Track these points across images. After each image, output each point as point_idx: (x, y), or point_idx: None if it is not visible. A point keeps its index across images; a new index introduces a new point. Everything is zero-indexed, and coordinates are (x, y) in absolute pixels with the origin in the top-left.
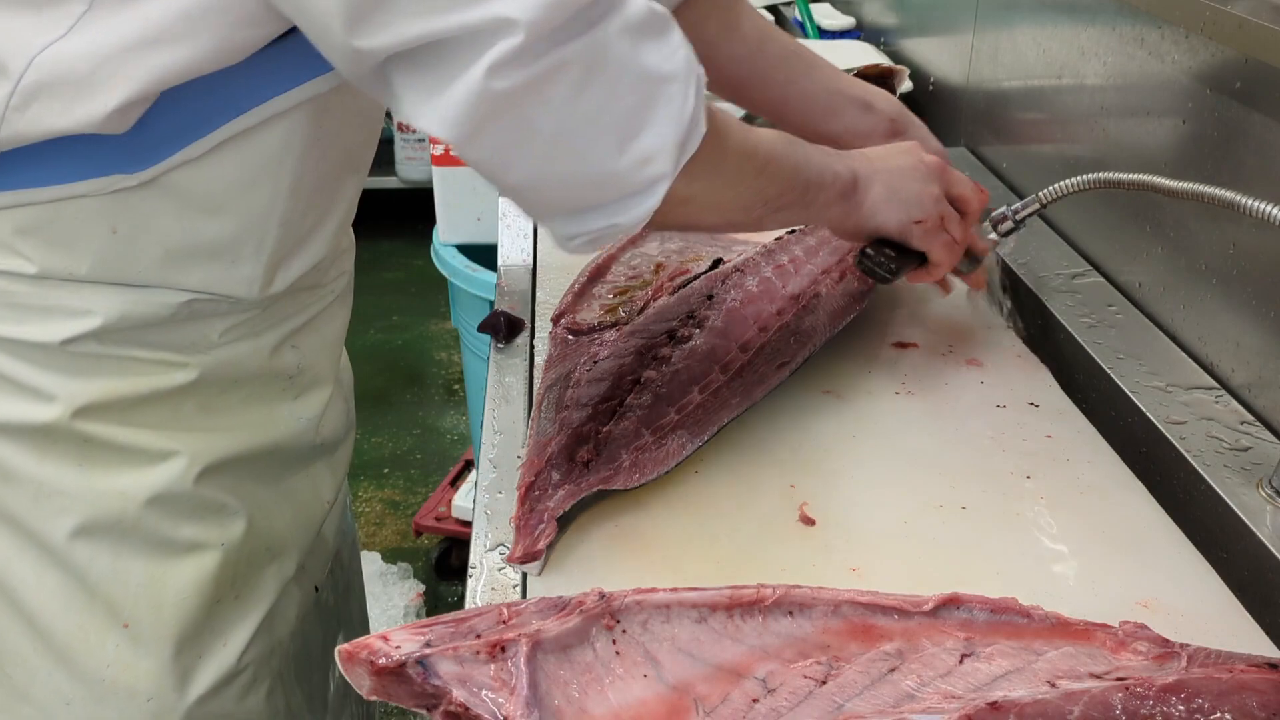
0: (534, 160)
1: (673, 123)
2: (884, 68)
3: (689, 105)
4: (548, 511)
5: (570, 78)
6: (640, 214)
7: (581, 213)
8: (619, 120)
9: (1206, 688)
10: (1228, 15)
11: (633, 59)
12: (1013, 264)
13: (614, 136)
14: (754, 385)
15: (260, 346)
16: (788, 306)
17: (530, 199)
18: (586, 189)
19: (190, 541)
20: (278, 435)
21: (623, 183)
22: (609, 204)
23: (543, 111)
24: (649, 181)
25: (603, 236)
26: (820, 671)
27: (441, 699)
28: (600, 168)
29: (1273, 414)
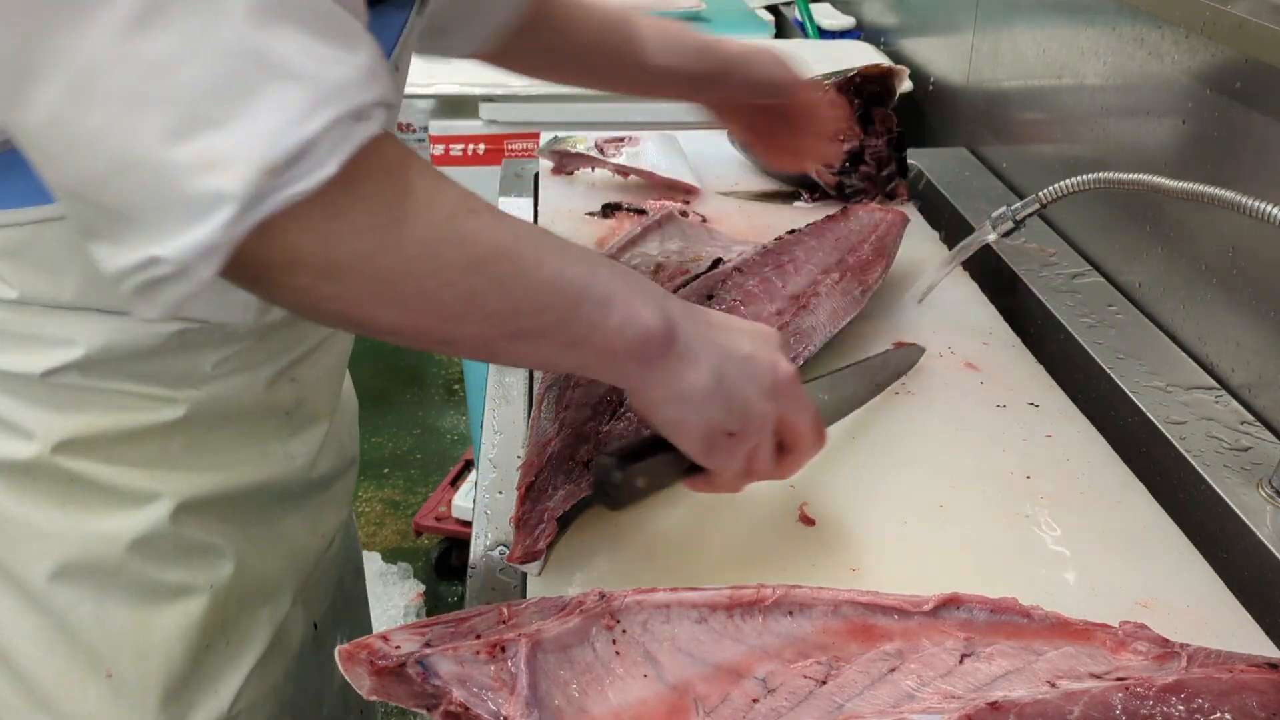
0: (54, 96)
1: (262, 130)
2: (884, 68)
3: (310, 126)
4: (547, 511)
5: (132, 2)
6: (187, 246)
7: (112, 224)
8: (185, 91)
9: (1206, 688)
10: (1228, 15)
11: (243, 24)
12: (1012, 263)
13: (170, 110)
14: None
15: (256, 379)
16: (787, 306)
17: (50, 166)
18: (116, 173)
19: (177, 585)
20: (269, 473)
21: (170, 184)
22: (143, 214)
23: (88, 25)
24: (206, 197)
25: (149, 282)
26: (820, 671)
27: (441, 699)
28: (141, 147)
29: (1273, 414)
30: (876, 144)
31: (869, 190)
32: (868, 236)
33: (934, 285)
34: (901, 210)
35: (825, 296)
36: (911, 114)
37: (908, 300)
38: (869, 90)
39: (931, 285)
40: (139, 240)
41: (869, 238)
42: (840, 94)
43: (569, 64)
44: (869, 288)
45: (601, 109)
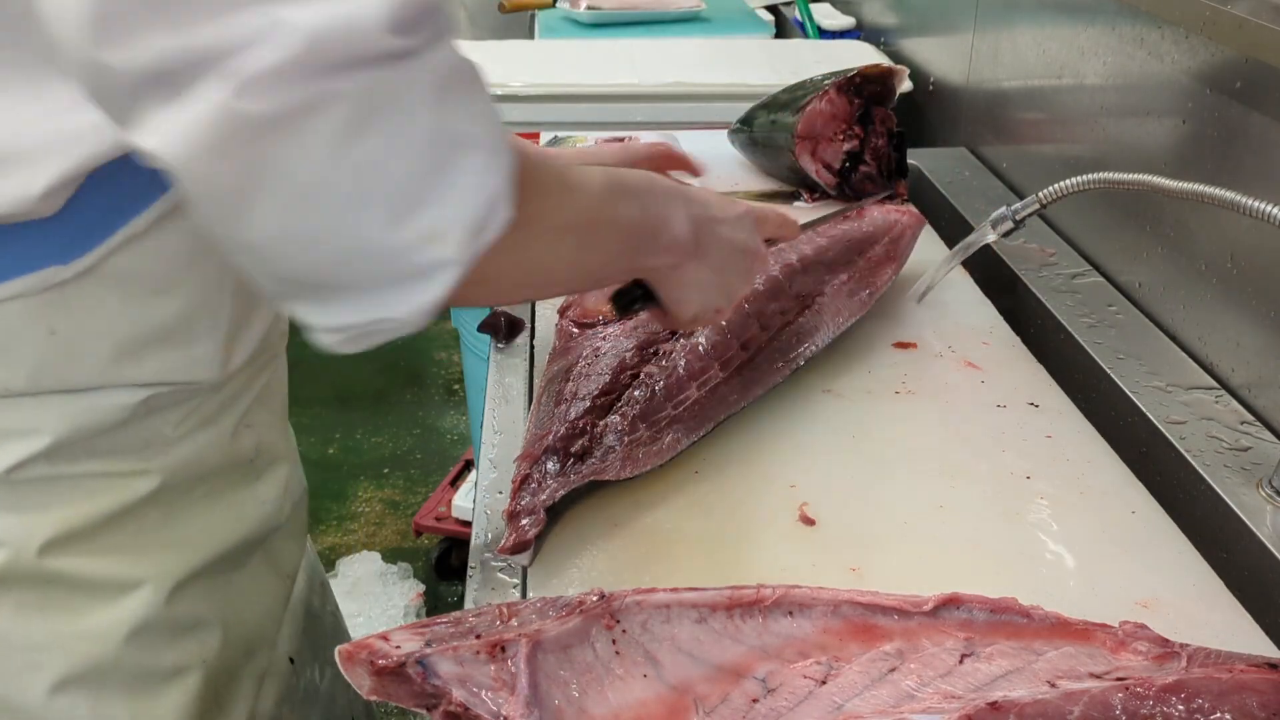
0: (279, 213)
1: (468, 200)
2: (884, 68)
3: (491, 181)
4: (538, 503)
5: (339, 118)
6: (417, 307)
7: (338, 295)
8: (398, 184)
9: (1206, 688)
10: (1228, 15)
11: (430, 113)
12: (1012, 263)
13: (388, 203)
14: (753, 383)
15: (220, 433)
16: (792, 306)
17: (271, 265)
18: (345, 263)
19: (172, 668)
20: (246, 528)
21: (396, 263)
22: (377, 289)
23: (301, 151)
24: (430, 266)
25: (370, 333)
26: (820, 671)
27: (441, 699)
28: (367, 239)
29: (1273, 414)
30: (877, 144)
31: (870, 190)
32: (880, 238)
33: (934, 285)
34: (917, 213)
35: (831, 298)
36: (911, 114)
37: (907, 299)
38: (869, 90)
39: (931, 285)
40: (368, 307)
41: (882, 239)
42: (840, 94)
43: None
44: (877, 290)
45: (602, 109)
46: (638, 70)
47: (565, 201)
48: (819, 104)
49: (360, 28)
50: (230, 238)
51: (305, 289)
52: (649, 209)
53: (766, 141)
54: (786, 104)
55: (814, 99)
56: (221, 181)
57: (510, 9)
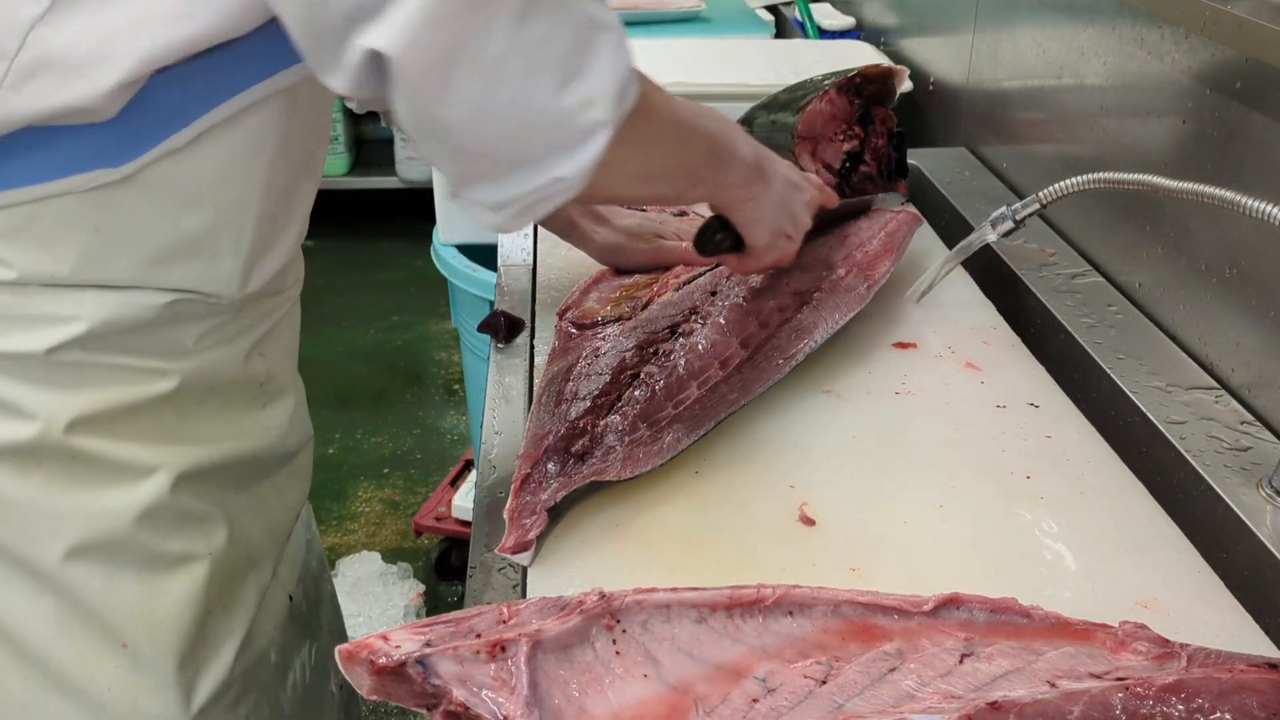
0: (477, 85)
1: (611, 71)
2: (884, 68)
3: (624, 57)
4: (539, 502)
5: (515, 2)
6: (582, 165)
7: (520, 166)
8: (561, 56)
9: (1206, 688)
10: (1228, 15)
11: (579, 2)
12: (1012, 263)
13: (555, 72)
14: (753, 381)
15: (235, 353)
16: (790, 303)
17: (463, 140)
18: (526, 130)
19: (180, 554)
20: (252, 444)
21: (564, 126)
22: (549, 154)
23: (489, 29)
24: (590, 127)
25: (539, 200)
26: (820, 671)
27: (441, 699)
28: (542, 105)
29: (1273, 414)
30: (877, 144)
31: (870, 190)
32: (877, 233)
33: (933, 285)
34: (914, 212)
35: (829, 293)
36: (911, 114)
37: (907, 299)
38: (869, 90)
39: (931, 285)
40: (540, 171)
41: (878, 234)
42: (840, 94)
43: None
44: (875, 283)
45: None
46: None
47: (667, 100)
48: (819, 104)
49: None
50: (433, 117)
51: (487, 163)
52: (722, 128)
53: (766, 141)
54: (786, 104)
55: (814, 99)
56: (430, 62)
57: None
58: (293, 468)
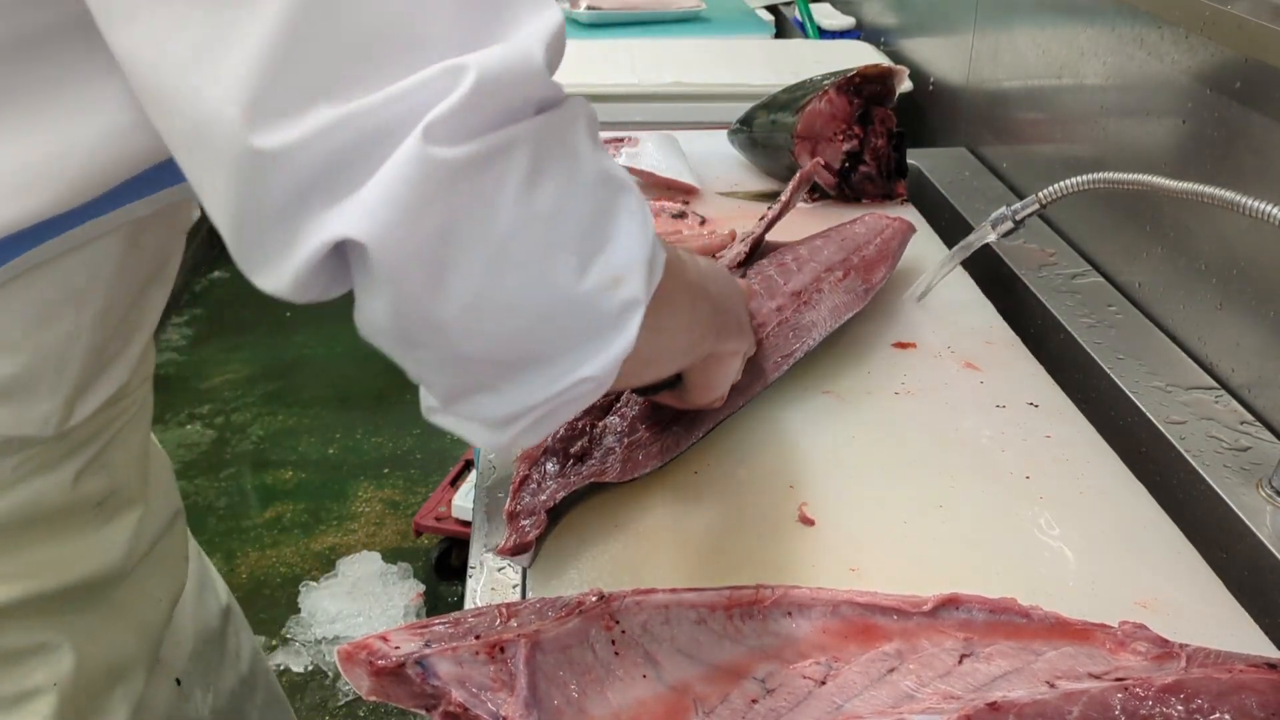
0: (481, 274)
1: (639, 236)
2: (884, 68)
3: (647, 218)
4: (539, 504)
5: (523, 162)
6: (613, 358)
7: (533, 368)
8: (580, 228)
9: (1205, 688)
10: (1228, 15)
11: (591, 154)
12: (1012, 263)
13: (575, 248)
14: (752, 381)
15: (60, 479)
16: (788, 303)
17: (463, 344)
18: (544, 324)
19: (16, 694)
20: (91, 567)
21: (590, 312)
22: (572, 349)
23: (493, 201)
24: (620, 309)
25: (558, 408)
26: (819, 672)
27: (441, 699)
28: (563, 290)
29: (1273, 414)
30: (876, 144)
31: (869, 190)
32: (873, 239)
33: (933, 285)
34: (908, 220)
35: (828, 293)
36: (911, 114)
37: (906, 299)
38: (869, 90)
39: (930, 284)
40: (561, 372)
41: (874, 239)
42: (840, 94)
43: None
44: (873, 288)
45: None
46: (638, 70)
47: (676, 262)
48: (819, 104)
49: (527, 68)
50: (424, 318)
51: (490, 370)
52: (724, 289)
53: (766, 141)
54: (786, 104)
55: (814, 99)
56: (420, 248)
57: None
58: (156, 558)
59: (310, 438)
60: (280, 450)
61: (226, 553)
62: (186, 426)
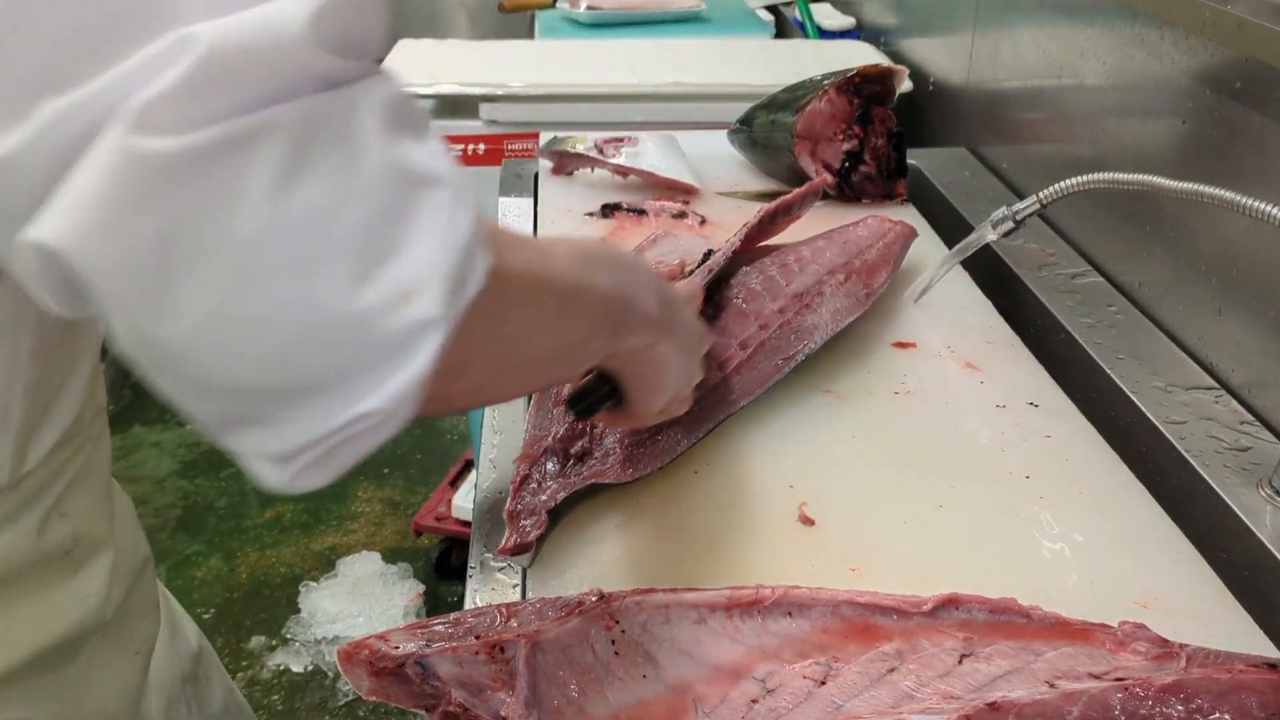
0: (216, 285)
1: (443, 241)
2: (884, 68)
3: (463, 222)
4: (539, 504)
5: (277, 153)
6: (401, 389)
7: (295, 401)
8: (359, 232)
9: (1205, 688)
10: (1228, 15)
11: (382, 144)
12: (1012, 263)
13: (349, 256)
14: (752, 382)
15: (24, 531)
16: (790, 305)
17: (206, 372)
18: (306, 346)
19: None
20: (64, 624)
21: (369, 334)
22: (345, 377)
23: (233, 202)
24: (410, 330)
25: (341, 444)
26: (819, 672)
27: (440, 699)
28: (328, 308)
29: (1273, 414)
30: (876, 144)
31: (869, 190)
32: (875, 242)
33: (932, 284)
34: (910, 225)
35: (829, 296)
36: (911, 114)
37: (906, 299)
38: (869, 90)
39: (930, 284)
40: (337, 404)
41: (876, 243)
42: (840, 94)
43: None
44: (874, 292)
45: (602, 109)
46: (638, 70)
47: (540, 260)
48: (819, 104)
49: (283, 38)
50: (150, 338)
51: (251, 401)
52: (621, 277)
53: (766, 141)
54: (786, 104)
55: (814, 99)
56: (133, 253)
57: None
58: (132, 603)
59: None
60: None
61: (226, 553)
62: (186, 426)
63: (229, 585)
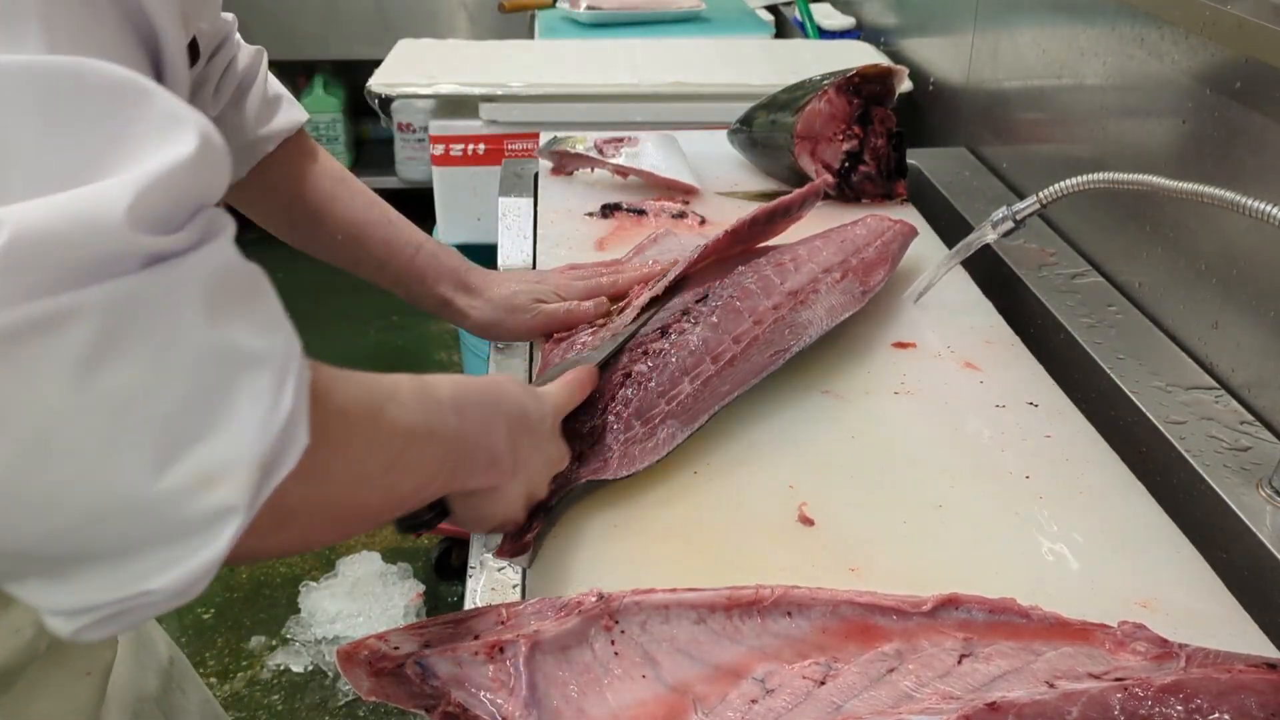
0: (7, 463)
1: (254, 429)
2: (884, 68)
3: (284, 405)
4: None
5: (82, 337)
6: (188, 573)
7: (81, 568)
8: (166, 416)
9: (1205, 688)
10: (1228, 15)
11: (201, 326)
12: (1012, 263)
13: (153, 441)
14: (746, 374)
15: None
16: (784, 302)
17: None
18: (93, 525)
19: None
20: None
21: (161, 518)
22: (134, 553)
23: (30, 384)
24: (210, 516)
25: (122, 613)
26: (819, 672)
27: (440, 700)
28: (124, 490)
29: (1273, 414)
30: (876, 144)
31: (869, 190)
32: (873, 241)
33: (932, 284)
34: (910, 224)
35: (825, 293)
36: (911, 114)
37: (906, 299)
38: (869, 90)
39: (930, 284)
40: (121, 579)
41: (874, 242)
42: (840, 94)
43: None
44: (870, 290)
45: (602, 109)
46: (638, 70)
47: (373, 413)
48: (818, 104)
49: (97, 224)
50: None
51: (38, 564)
52: (471, 419)
53: (766, 141)
54: (786, 104)
55: (813, 99)
56: None
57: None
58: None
59: None
60: None
61: None
62: None
63: (229, 585)
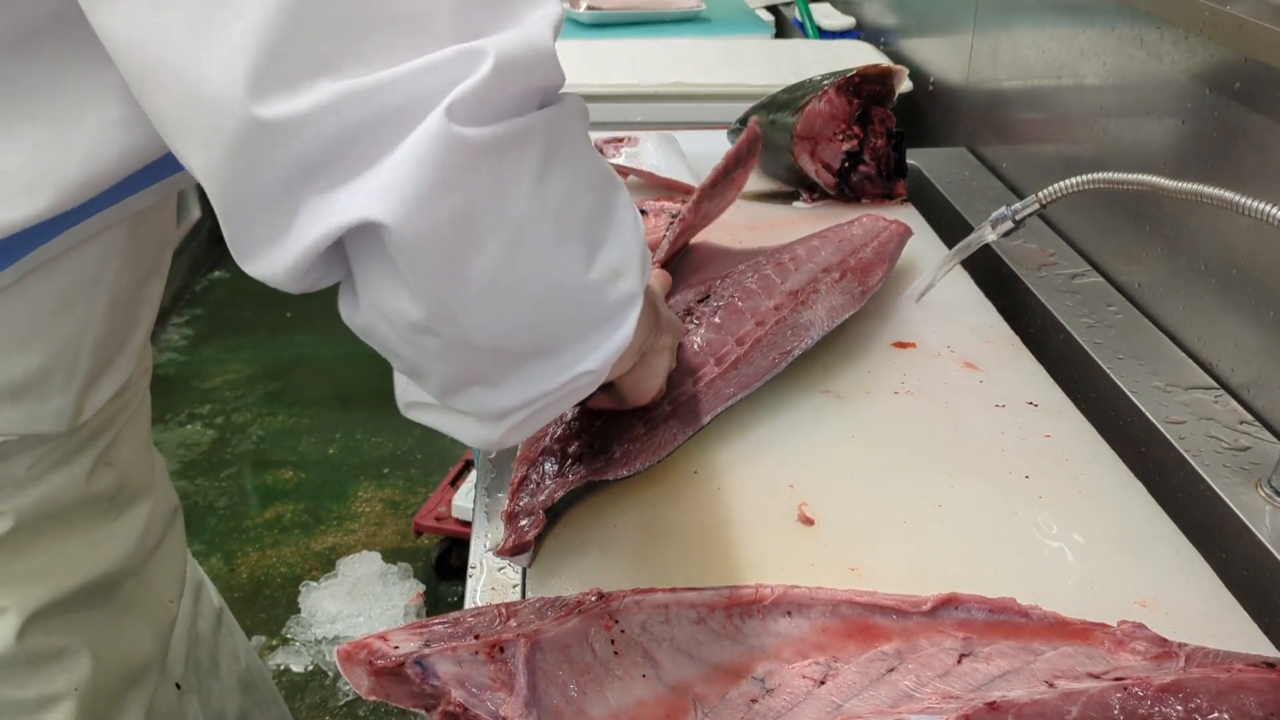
0: (496, 257)
1: (634, 231)
2: (884, 68)
3: (639, 215)
4: (537, 504)
5: (537, 152)
6: (613, 351)
7: (534, 360)
8: (585, 220)
9: (1204, 687)
10: (1227, 15)
11: (590, 150)
12: (1012, 263)
13: (582, 239)
14: (748, 377)
15: (75, 474)
16: (785, 302)
17: (473, 335)
18: (552, 313)
19: (39, 699)
20: (103, 564)
21: (596, 303)
22: (575, 341)
23: (509, 187)
24: (621, 303)
25: (552, 404)
26: (818, 672)
27: (440, 699)
28: (571, 281)
29: (1272, 414)
30: (876, 144)
31: (869, 190)
32: (870, 241)
33: (932, 284)
34: (905, 224)
35: (825, 293)
36: (911, 114)
37: (906, 299)
38: (869, 90)
39: (930, 284)
40: (562, 365)
41: (871, 242)
42: (840, 94)
43: None
44: (869, 289)
45: (602, 109)
46: (638, 70)
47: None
48: (818, 104)
49: (541, 53)
50: (441, 301)
51: (491, 361)
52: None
53: (766, 141)
54: (786, 104)
55: (813, 99)
56: (441, 226)
57: None
58: (161, 556)
59: (310, 438)
60: (280, 450)
61: (226, 553)
62: (186, 426)
63: (229, 585)
